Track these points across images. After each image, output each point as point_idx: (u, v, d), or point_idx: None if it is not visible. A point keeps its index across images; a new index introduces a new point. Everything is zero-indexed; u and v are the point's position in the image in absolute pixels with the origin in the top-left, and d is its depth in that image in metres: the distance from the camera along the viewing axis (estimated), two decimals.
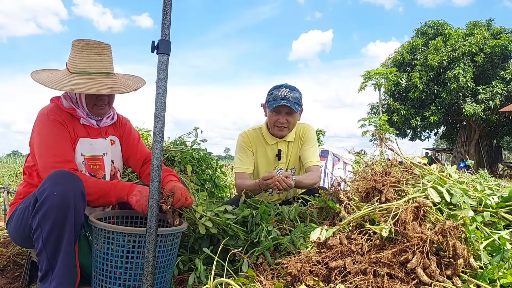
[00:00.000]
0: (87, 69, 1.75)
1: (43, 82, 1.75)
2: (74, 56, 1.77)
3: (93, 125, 1.89)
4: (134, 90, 1.83)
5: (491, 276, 1.28)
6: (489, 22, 20.73)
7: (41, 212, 1.50)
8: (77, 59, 1.76)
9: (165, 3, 1.43)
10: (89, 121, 1.87)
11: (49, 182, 1.52)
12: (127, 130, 2.08)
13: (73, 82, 1.73)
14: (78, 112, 1.83)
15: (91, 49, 1.75)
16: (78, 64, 1.76)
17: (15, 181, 7.73)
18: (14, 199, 1.83)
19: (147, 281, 1.38)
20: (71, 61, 1.78)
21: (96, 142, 1.88)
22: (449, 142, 26.94)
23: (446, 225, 1.30)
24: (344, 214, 1.65)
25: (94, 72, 1.76)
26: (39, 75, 1.83)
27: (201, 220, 1.83)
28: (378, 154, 2.18)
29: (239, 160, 2.59)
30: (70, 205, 1.50)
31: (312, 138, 2.61)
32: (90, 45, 1.75)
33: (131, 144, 2.07)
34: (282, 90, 2.45)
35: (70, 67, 1.78)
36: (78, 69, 1.76)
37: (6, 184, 3.76)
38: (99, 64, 1.77)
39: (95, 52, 1.76)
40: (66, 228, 1.51)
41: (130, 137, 2.07)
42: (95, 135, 1.89)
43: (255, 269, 1.54)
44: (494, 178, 10.08)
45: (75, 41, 1.78)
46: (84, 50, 1.75)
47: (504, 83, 18.43)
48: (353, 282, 1.29)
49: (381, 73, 19.48)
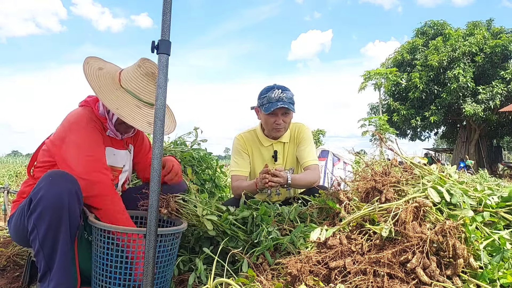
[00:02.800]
0: (139, 94, 1.73)
1: (93, 85, 1.69)
2: (135, 76, 1.73)
3: (117, 137, 1.89)
4: (167, 134, 1.81)
5: (491, 276, 1.28)
6: (489, 22, 20.74)
7: (36, 213, 1.49)
8: (135, 81, 1.73)
9: (165, 3, 1.43)
10: (115, 133, 1.87)
11: (43, 182, 1.51)
12: (140, 138, 2.08)
13: (120, 102, 1.68)
14: (107, 123, 1.82)
15: (153, 78, 1.73)
16: (133, 85, 1.73)
17: (15, 181, 7.74)
18: (17, 197, 1.81)
19: (147, 281, 1.38)
20: (128, 77, 1.74)
21: (120, 154, 1.89)
22: (449, 142, 26.94)
23: (446, 225, 1.30)
24: (344, 214, 1.65)
25: (143, 100, 1.73)
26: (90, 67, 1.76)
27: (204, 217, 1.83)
28: (378, 154, 2.18)
29: (235, 163, 2.60)
30: (64, 205, 1.49)
31: (308, 137, 2.61)
32: (155, 74, 1.71)
33: (142, 152, 2.08)
34: (275, 92, 2.44)
35: (124, 82, 1.74)
36: (131, 89, 1.72)
37: (6, 184, 3.76)
38: (151, 95, 1.74)
39: (155, 83, 1.72)
40: (62, 228, 1.51)
41: (142, 145, 2.08)
42: (118, 146, 1.90)
43: (255, 269, 1.54)
44: (494, 178, 10.09)
45: (142, 61, 1.73)
46: (147, 77, 1.73)
47: (504, 83, 18.43)
48: (353, 282, 1.29)
49: (381, 73, 19.47)
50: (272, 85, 2.51)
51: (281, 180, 2.24)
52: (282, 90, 2.45)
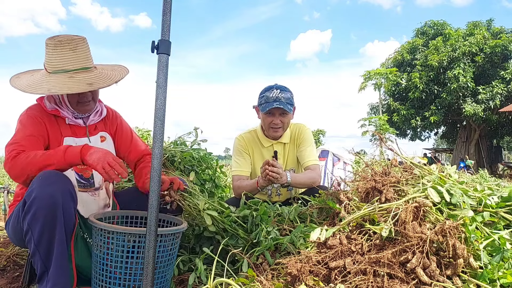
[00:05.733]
0: (64, 67, 1.70)
1: (22, 88, 1.70)
2: (49, 55, 1.71)
3: (80, 125, 1.84)
4: (115, 82, 1.76)
5: (491, 276, 1.28)
6: (489, 22, 20.75)
7: (30, 214, 1.48)
8: (52, 58, 1.71)
9: (165, 3, 1.43)
10: (75, 121, 1.83)
11: (36, 183, 1.50)
12: (119, 126, 2.02)
13: (51, 83, 1.68)
14: (62, 112, 1.79)
15: (65, 45, 1.70)
16: (54, 63, 1.71)
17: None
18: (13, 200, 1.82)
19: (147, 281, 1.37)
20: (47, 60, 1.73)
21: (82, 141, 1.82)
22: (449, 142, 26.95)
23: (446, 225, 1.30)
24: (344, 214, 1.65)
25: (71, 69, 1.70)
26: (19, 80, 1.78)
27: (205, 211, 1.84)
28: (378, 154, 2.18)
29: (236, 163, 2.61)
30: (58, 205, 1.48)
31: (308, 138, 2.61)
32: (63, 42, 1.69)
33: (124, 140, 2.02)
34: (273, 92, 2.45)
35: (48, 67, 1.73)
36: (55, 68, 1.71)
37: (6, 184, 3.76)
38: (75, 60, 1.71)
39: (69, 48, 1.70)
40: (57, 229, 1.50)
41: (123, 133, 2.02)
42: (81, 134, 1.85)
43: (255, 269, 1.54)
44: (494, 178, 10.08)
45: (48, 39, 1.72)
46: (58, 48, 1.69)
47: (504, 83, 18.44)
48: (353, 282, 1.29)
49: (381, 73, 19.48)
50: (272, 85, 2.52)
51: (280, 171, 2.24)
52: (281, 90, 2.46)
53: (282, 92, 2.45)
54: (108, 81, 1.75)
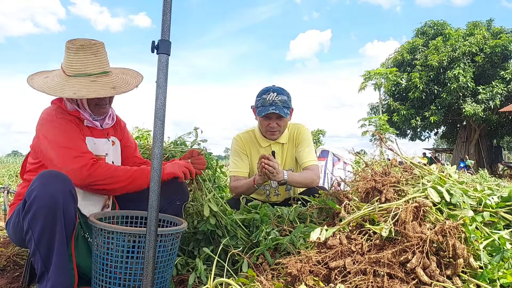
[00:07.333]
0: (86, 71, 1.74)
1: (43, 89, 1.73)
2: (71, 58, 1.74)
3: (97, 126, 1.89)
4: (136, 87, 1.82)
5: (491, 276, 1.28)
6: (489, 22, 20.74)
7: (30, 213, 1.48)
8: (74, 61, 1.73)
9: (165, 3, 1.43)
10: (93, 123, 1.87)
11: (37, 182, 1.50)
12: (125, 135, 2.09)
13: (75, 86, 1.71)
14: (82, 114, 1.83)
15: (87, 50, 1.73)
16: (75, 66, 1.74)
17: (15, 181, 7.73)
18: (14, 200, 1.82)
19: (147, 281, 1.37)
20: (67, 63, 1.75)
21: (100, 142, 1.88)
22: (449, 142, 26.95)
23: (446, 225, 1.30)
24: (344, 214, 1.65)
25: (93, 73, 1.75)
26: (35, 81, 1.80)
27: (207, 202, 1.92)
28: (378, 154, 2.18)
29: (234, 164, 2.61)
30: (59, 205, 1.48)
31: (307, 138, 2.60)
32: (85, 46, 1.73)
33: (128, 150, 2.08)
34: (270, 95, 2.43)
35: (67, 69, 1.75)
36: (76, 71, 1.73)
37: (6, 184, 3.76)
38: (97, 64, 1.75)
39: (91, 53, 1.74)
40: (57, 228, 1.50)
41: (128, 142, 2.09)
42: (98, 135, 1.90)
43: (255, 269, 1.54)
44: (494, 178, 10.09)
45: (69, 42, 1.74)
46: (80, 51, 1.73)
47: (504, 83, 18.44)
48: (353, 282, 1.29)
49: (381, 73, 19.47)
50: (269, 87, 2.51)
51: (276, 165, 2.24)
52: (278, 93, 2.44)
53: (279, 95, 2.44)
54: (128, 86, 1.80)
